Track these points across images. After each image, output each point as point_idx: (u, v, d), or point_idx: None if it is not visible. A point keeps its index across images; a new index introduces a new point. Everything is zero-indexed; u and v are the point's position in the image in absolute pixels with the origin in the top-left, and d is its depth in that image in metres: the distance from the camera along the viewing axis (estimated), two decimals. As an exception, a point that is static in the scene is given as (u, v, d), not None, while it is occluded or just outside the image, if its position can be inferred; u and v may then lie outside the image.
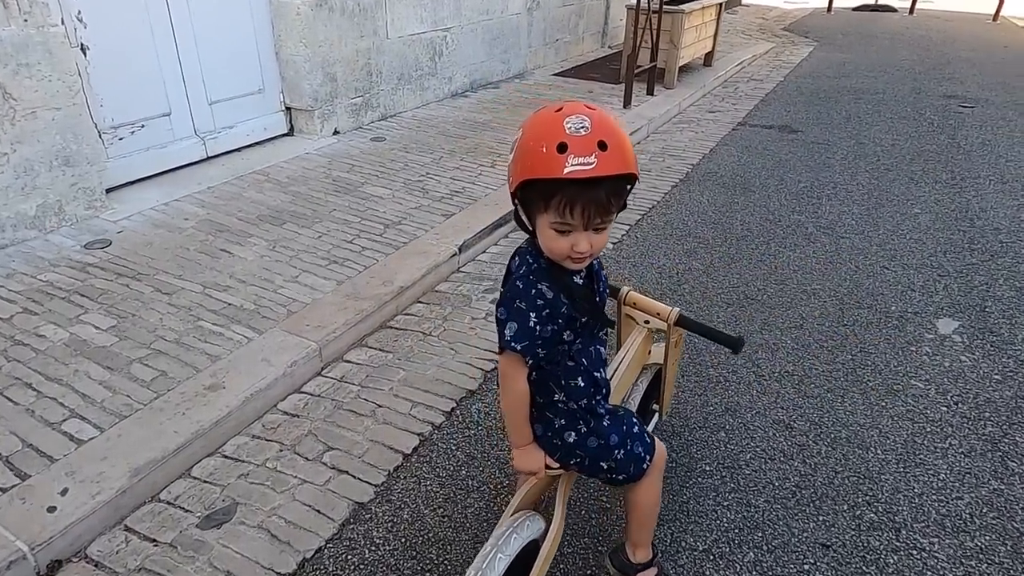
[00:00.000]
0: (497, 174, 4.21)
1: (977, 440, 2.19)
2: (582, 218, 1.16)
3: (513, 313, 1.27)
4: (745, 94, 6.91)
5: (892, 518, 1.89)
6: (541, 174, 1.12)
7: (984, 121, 5.91)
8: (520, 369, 1.33)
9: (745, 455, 2.11)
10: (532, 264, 1.31)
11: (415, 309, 2.96)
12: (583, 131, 1.11)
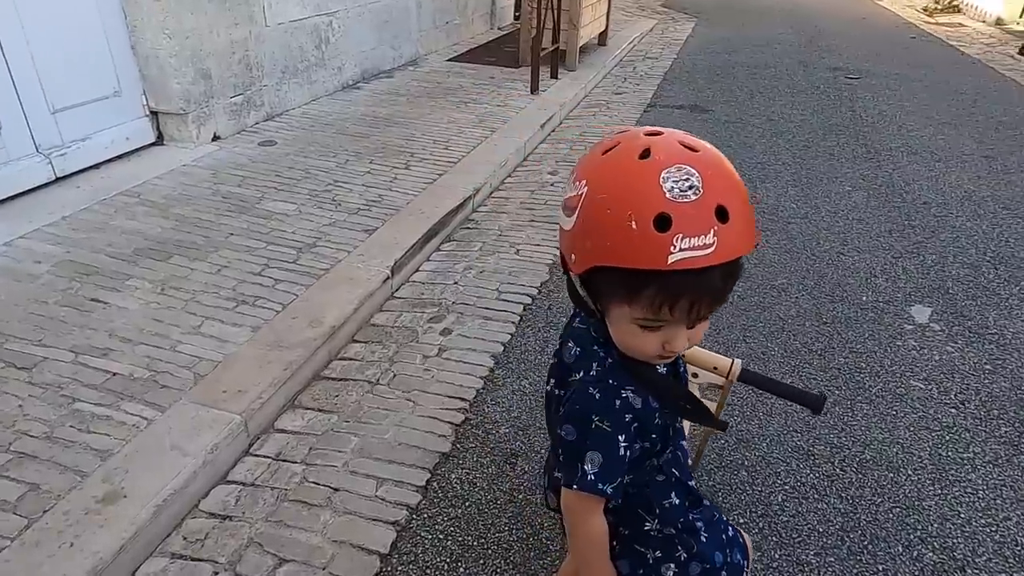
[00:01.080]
0: (414, 177, 3.75)
1: (997, 444, 2.07)
2: (686, 316, 0.81)
3: (593, 439, 0.89)
4: (645, 73, 6.79)
5: (952, 554, 1.70)
6: (631, 263, 0.76)
7: (873, 92, 6.12)
8: (597, 505, 0.96)
9: (776, 496, 1.86)
10: (605, 359, 0.93)
11: (352, 351, 2.48)
12: (692, 194, 0.75)
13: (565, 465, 0.92)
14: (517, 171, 4.23)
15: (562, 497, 0.96)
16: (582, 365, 0.94)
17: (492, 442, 2.04)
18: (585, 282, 0.87)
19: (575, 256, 0.84)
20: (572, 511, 0.96)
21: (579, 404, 0.90)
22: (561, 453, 0.93)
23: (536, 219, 3.53)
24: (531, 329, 2.60)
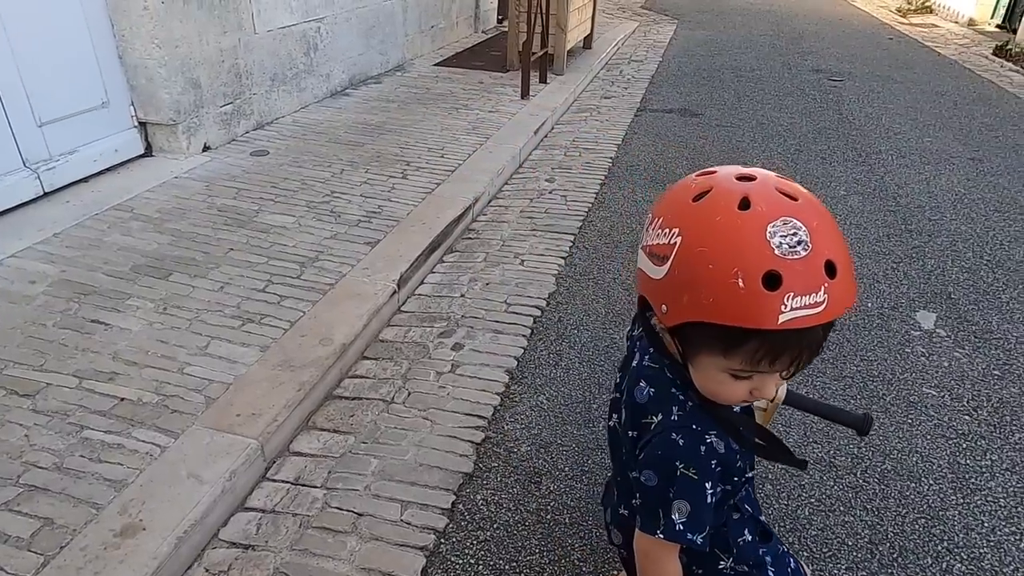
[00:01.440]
0: (412, 186, 3.71)
1: (1012, 451, 2.10)
2: (787, 368, 0.79)
3: (679, 486, 0.86)
4: (632, 77, 6.81)
5: (980, 565, 1.72)
6: (737, 321, 0.73)
7: (858, 94, 6.21)
8: (674, 550, 0.94)
9: (804, 510, 1.86)
10: (685, 403, 0.90)
11: (363, 368, 2.44)
12: (802, 250, 0.72)
13: (645, 510, 0.90)
14: (514, 179, 4.21)
15: (637, 540, 0.94)
16: (660, 408, 0.91)
17: (515, 461, 2.02)
18: (675, 329, 0.84)
19: (667, 308, 0.80)
20: (648, 556, 0.94)
21: (661, 450, 0.88)
22: (639, 498, 0.91)
23: (537, 228, 3.51)
24: (543, 342, 2.58)
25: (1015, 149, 4.97)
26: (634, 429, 0.94)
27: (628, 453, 0.97)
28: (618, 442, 1.03)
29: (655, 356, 0.94)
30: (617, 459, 1.04)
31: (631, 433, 0.95)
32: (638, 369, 0.96)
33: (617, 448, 1.03)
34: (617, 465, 1.05)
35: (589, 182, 4.12)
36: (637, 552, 0.95)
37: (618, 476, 1.06)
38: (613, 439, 1.05)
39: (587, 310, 2.80)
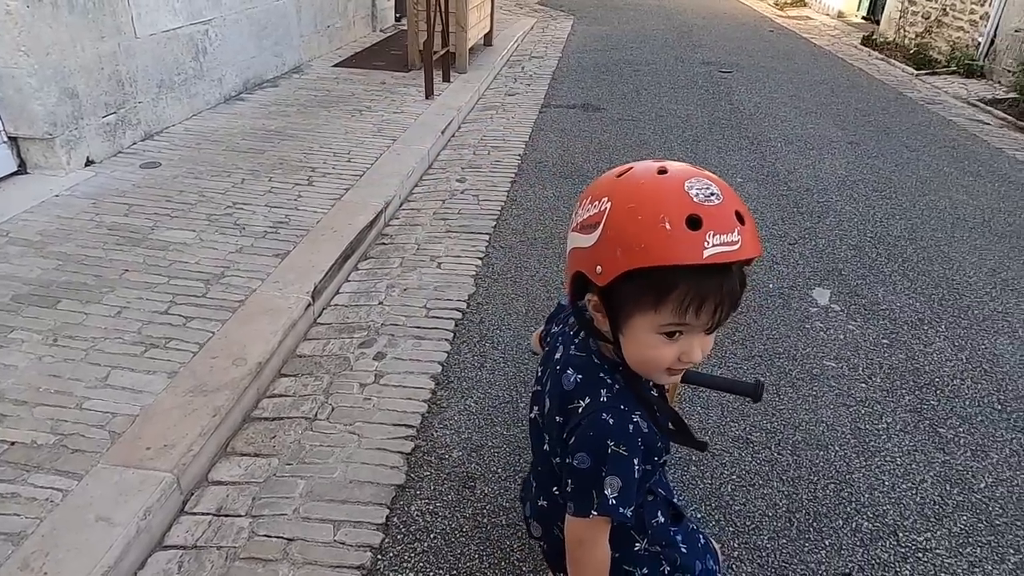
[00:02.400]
0: (319, 193, 3.60)
1: (905, 413, 2.28)
2: (711, 317, 0.85)
3: (611, 464, 0.90)
4: (534, 73, 6.89)
5: (884, 521, 1.86)
6: (670, 260, 0.81)
7: (746, 85, 6.55)
8: (606, 532, 0.97)
9: (726, 487, 1.95)
10: (613, 385, 0.95)
11: (282, 387, 2.35)
12: (715, 199, 0.83)
13: (577, 494, 0.93)
14: (424, 180, 4.17)
15: (570, 527, 0.96)
16: (588, 392, 0.95)
17: (447, 468, 2.01)
18: (607, 295, 0.89)
19: (602, 267, 0.86)
20: (582, 541, 0.96)
21: (593, 431, 0.92)
22: (572, 483, 0.93)
23: (452, 229, 3.49)
24: (466, 345, 2.57)
25: (886, 132, 5.40)
26: (561, 415, 0.97)
27: (553, 440, 1.00)
28: (539, 433, 1.06)
29: (582, 345, 0.99)
30: (538, 450, 1.07)
31: (558, 419, 0.98)
32: (565, 358, 1.00)
33: (539, 439, 1.06)
34: (538, 456, 1.08)
35: (500, 180, 4.14)
36: (568, 540, 0.97)
37: (539, 466, 1.08)
38: (534, 431, 1.08)
39: (508, 309, 2.81)
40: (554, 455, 1.02)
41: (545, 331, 1.20)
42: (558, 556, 1.15)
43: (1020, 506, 1.94)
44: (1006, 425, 2.25)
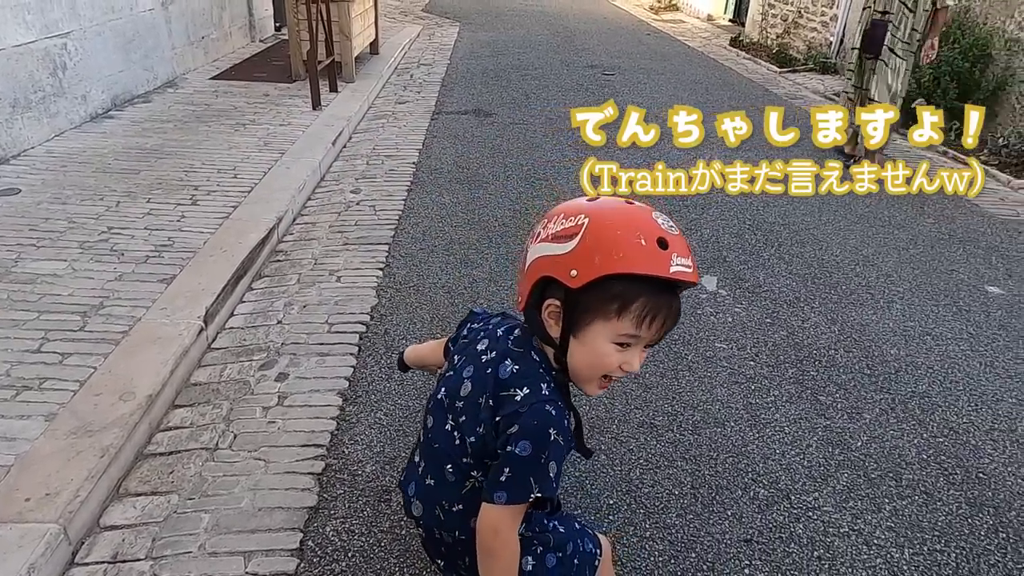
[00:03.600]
0: (204, 212, 3.44)
1: (789, 385, 2.47)
2: (659, 330, 1.00)
3: (552, 451, 1.00)
4: (423, 80, 6.88)
5: (777, 487, 2.00)
6: (644, 269, 0.96)
7: (629, 87, 6.84)
8: (519, 519, 1.04)
9: (635, 472, 2.04)
10: (550, 382, 1.05)
11: (177, 418, 2.23)
12: (674, 230, 1.01)
13: (513, 482, 0.99)
14: (317, 193, 4.07)
15: (489, 516, 1.01)
16: (526, 383, 1.03)
17: (361, 483, 1.97)
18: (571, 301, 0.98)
19: (578, 271, 0.97)
20: (498, 530, 1.01)
21: (537, 420, 1.00)
22: (509, 471, 0.99)
23: (350, 242, 3.43)
24: (372, 358, 2.54)
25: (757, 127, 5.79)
26: (493, 400, 1.04)
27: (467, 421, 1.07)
28: (443, 414, 1.11)
29: (518, 341, 1.08)
30: (438, 430, 1.12)
31: (487, 403, 1.04)
32: (502, 350, 1.08)
33: (442, 419, 1.12)
34: (437, 435, 1.13)
35: (396, 190, 4.11)
36: (484, 529, 1.02)
37: (435, 444, 1.13)
38: (437, 411, 1.13)
39: (413, 319, 2.80)
40: (464, 435, 1.08)
41: (456, 335, 1.26)
42: (435, 541, 1.19)
43: (891, 459, 2.14)
44: (875, 387, 2.48)
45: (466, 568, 1.17)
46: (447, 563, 1.23)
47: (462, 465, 1.09)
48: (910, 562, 1.79)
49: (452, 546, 1.17)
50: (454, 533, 1.14)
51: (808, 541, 1.83)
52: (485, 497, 1.02)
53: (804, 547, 1.82)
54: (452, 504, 1.12)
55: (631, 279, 0.95)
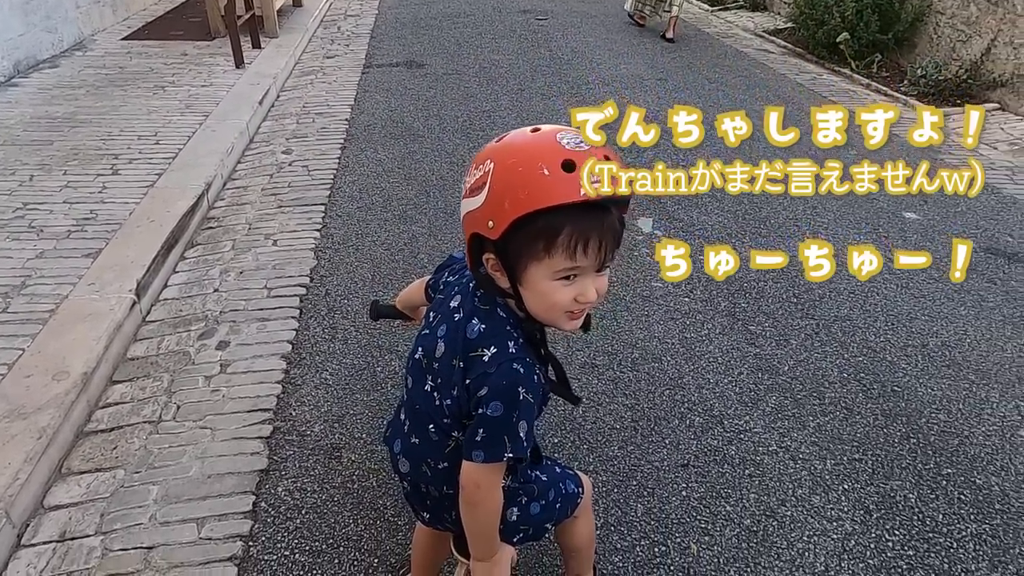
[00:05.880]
0: (127, 182, 3.30)
1: (722, 318, 2.57)
2: (597, 254, 0.94)
3: (522, 409, 0.98)
4: (351, 32, 6.64)
5: (711, 414, 2.12)
6: (552, 200, 0.89)
7: (562, 31, 6.75)
8: (502, 474, 1.06)
9: (578, 410, 2.11)
10: (518, 339, 1.02)
11: (116, 394, 2.20)
12: (585, 146, 0.92)
13: (488, 441, 0.98)
14: (247, 156, 3.94)
15: (470, 473, 1.01)
16: (493, 341, 1.00)
17: (310, 443, 1.99)
18: (503, 252, 0.96)
19: (494, 221, 0.92)
20: (480, 485, 1.02)
21: (506, 379, 0.97)
22: (483, 431, 0.98)
23: (284, 204, 3.36)
24: (315, 319, 2.53)
25: (689, 67, 5.84)
26: (463, 361, 1.02)
27: (443, 383, 1.06)
28: (422, 375, 1.09)
29: (485, 298, 1.04)
30: (418, 390, 1.10)
31: (458, 364, 1.02)
32: (469, 309, 1.04)
33: (421, 380, 1.10)
34: (417, 396, 1.11)
35: (329, 148, 4.01)
36: (466, 484, 1.02)
37: (416, 405, 1.12)
38: (415, 371, 1.11)
39: (354, 278, 2.79)
40: (442, 397, 1.06)
41: (435, 279, 1.22)
42: (421, 495, 1.20)
43: (815, 380, 2.28)
44: (800, 314, 2.61)
45: (452, 521, 1.18)
46: (432, 516, 1.23)
47: (443, 425, 1.08)
48: (832, 471, 1.93)
49: (439, 500, 1.17)
50: (441, 488, 1.14)
51: (740, 461, 1.96)
52: (464, 455, 1.01)
53: (736, 467, 1.94)
54: (438, 462, 1.12)
55: (547, 213, 0.89)
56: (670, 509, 1.81)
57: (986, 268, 3.00)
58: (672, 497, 1.84)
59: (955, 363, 2.38)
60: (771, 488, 1.87)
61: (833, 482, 1.90)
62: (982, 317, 2.64)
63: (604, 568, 1.66)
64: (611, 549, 1.70)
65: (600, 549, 1.69)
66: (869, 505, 1.83)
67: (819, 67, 6.15)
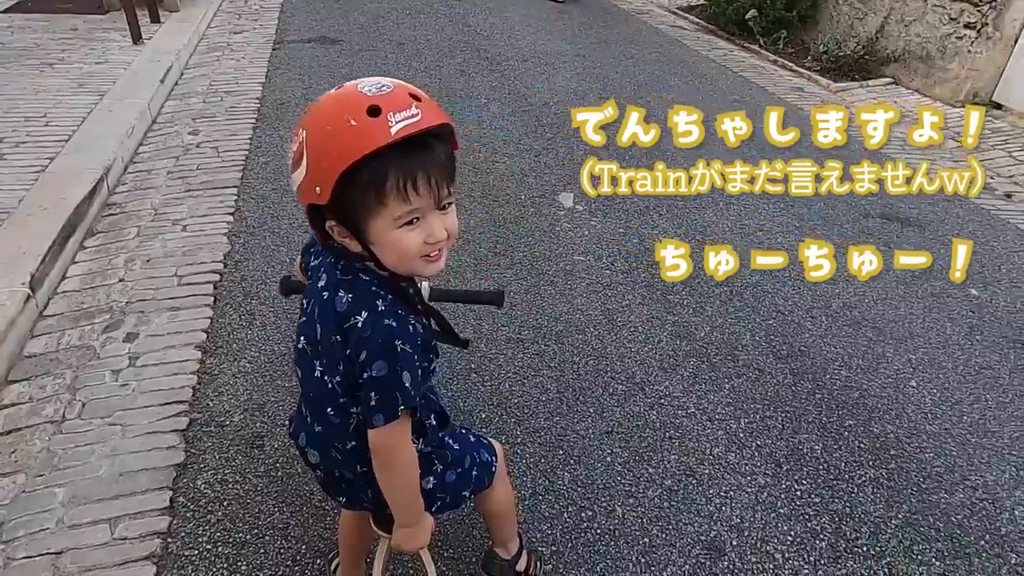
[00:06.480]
0: (14, 167, 3.07)
1: (642, 289, 2.65)
2: (429, 191, 0.94)
3: (403, 360, 0.98)
4: (260, 7, 6.34)
5: (633, 381, 2.19)
6: (366, 148, 0.88)
7: (479, 7, 6.68)
8: (408, 431, 1.05)
9: (504, 385, 2.14)
10: (386, 295, 1.01)
11: (13, 394, 2.06)
12: (387, 88, 0.92)
13: (382, 402, 0.98)
14: (149, 138, 3.72)
15: (376, 438, 1.01)
16: (363, 307, 0.99)
17: (230, 433, 1.93)
18: (340, 215, 0.95)
19: (321, 187, 0.91)
20: (390, 447, 1.03)
21: (381, 337, 0.97)
22: (375, 395, 0.98)
23: (193, 187, 3.20)
24: (231, 306, 2.43)
25: (606, 43, 5.90)
26: (339, 334, 1.01)
27: (329, 363, 1.04)
28: (310, 362, 1.08)
29: (345, 268, 1.03)
30: (309, 378, 1.09)
31: (336, 339, 1.01)
32: (333, 283, 1.03)
33: (309, 368, 1.08)
34: (309, 384, 1.09)
35: (239, 128, 3.84)
36: (377, 450, 1.03)
37: (310, 393, 1.11)
38: (303, 361, 1.10)
39: (271, 261, 2.69)
40: (332, 376, 1.05)
41: (303, 263, 1.21)
42: (335, 480, 1.19)
43: (728, 343, 2.39)
44: (715, 282, 2.71)
45: (369, 500, 1.17)
46: (349, 499, 1.22)
47: (340, 405, 1.07)
48: (745, 430, 2.04)
49: (353, 481, 1.16)
50: (355, 468, 1.13)
51: (661, 425, 2.03)
52: (366, 423, 1.01)
53: (657, 431, 2.01)
54: (345, 443, 1.10)
55: (368, 164, 0.88)
56: (596, 475, 1.86)
57: (882, 232, 3.20)
58: (597, 464, 1.89)
59: (855, 322, 2.55)
60: (690, 449, 1.96)
61: (747, 439, 2.00)
62: (878, 278, 2.82)
63: (533, 536, 1.70)
64: (539, 517, 1.74)
65: (529, 518, 1.73)
66: (779, 459, 1.95)
67: (730, 43, 6.34)
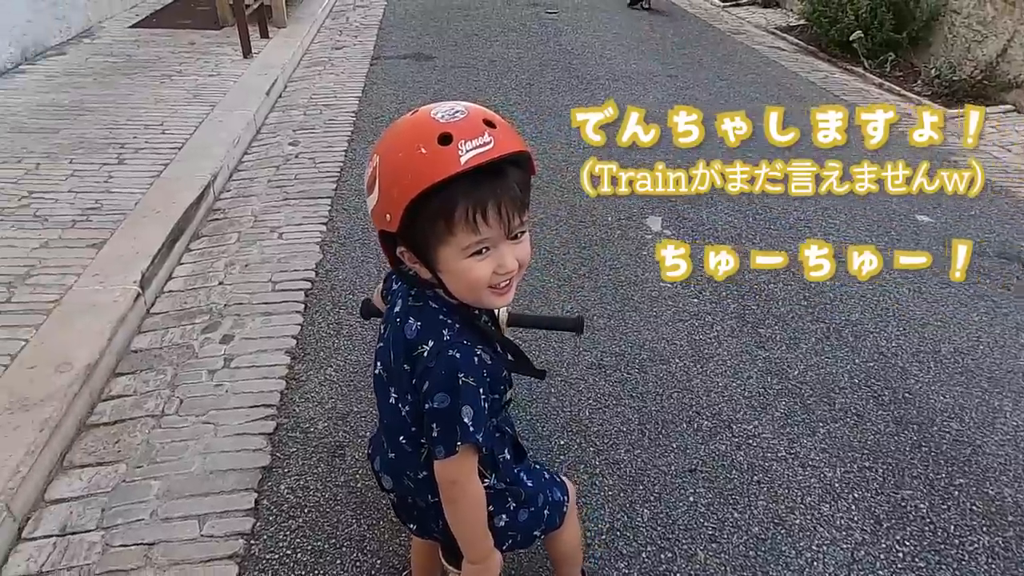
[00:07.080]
0: (133, 172, 3.29)
1: (731, 320, 2.54)
2: (499, 221, 0.91)
3: (464, 394, 0.96)
4: (360, 24, 6.60)
5: (720, 418, 2.09)
6: (435, 177, 0.86)
7: (571, 25, 6.70)
8: (474, 465, 1.02)
9: (584, 411, 2.09)
10: (453, 325, 1.00)
11: (119, 387, 2.18)
12: (460, 114, 0.89)
13: (443, 435, 0.96)
14: (253, 147, 3.92)
15: (441, 471, 0.99)
16: (430, 335, 0.98)
17: (313, 440, 1.98)
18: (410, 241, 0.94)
19: (391, 214, 0.90)
20: (455, 481, 1.00)
21: (444, 369, 0.96)
22: (436, 427, 0.96)
23: (290, 196, 3.33)
24: (319, 314, 2.51)
25: (700, 64, 5.78)
26: (408, 363, 1.00)
27: (401, 391, 1.04)
28: (385, 388, 1.08)
29: (417, 295, 1.02)
30: (384, 405, 1.09)
31: (405, 367, 1.01)
32: (404, 309, 1.03)
33: (385, 393, 1.08)
34: (385, 410, 1.09)
35: (336, 140, 3.98)
36: (442, 483, 1.01)
37: (385, 420, 1.10)
38: (380, 387, 1.10)
39: (360, 272, 2.76)
40: (403, 405, 1.05)
41: (384, 288, 1.21)
42: (407, 507, 1.19)
43: (825, 384, 2.25)
44: (811, 318, 2.58)
45: (439, 530, 1.16)
46: (420, 527, 1.21)
47: (411, 434, 1.06)
48: (842, 480, 1.90)
49: (425, 510, 1.15)
50: (427, 498, 1.11)
51: (748, 467, 1.93)
52: (433, 455, 0.99)
53: (744, 472, 1.91)
54: (417, 472, 1.10)
55: (438, 192, 0.87)
56: (677, 515, 1.78)
57: (999, 273, 2.95)
58: (679, 503, 1.82)
59: (967, 370, 2.35)
60: (780, 495, 1.85)
61: (843, 490, 1.87)
62: (995, 323, 2.60)
63: (610, 574, 1.64)
64: (616, 555, 1.68)
65: (605, 554, 1.68)
66: (879, 515, 1.81)
67: (832, 65, 6.08)
